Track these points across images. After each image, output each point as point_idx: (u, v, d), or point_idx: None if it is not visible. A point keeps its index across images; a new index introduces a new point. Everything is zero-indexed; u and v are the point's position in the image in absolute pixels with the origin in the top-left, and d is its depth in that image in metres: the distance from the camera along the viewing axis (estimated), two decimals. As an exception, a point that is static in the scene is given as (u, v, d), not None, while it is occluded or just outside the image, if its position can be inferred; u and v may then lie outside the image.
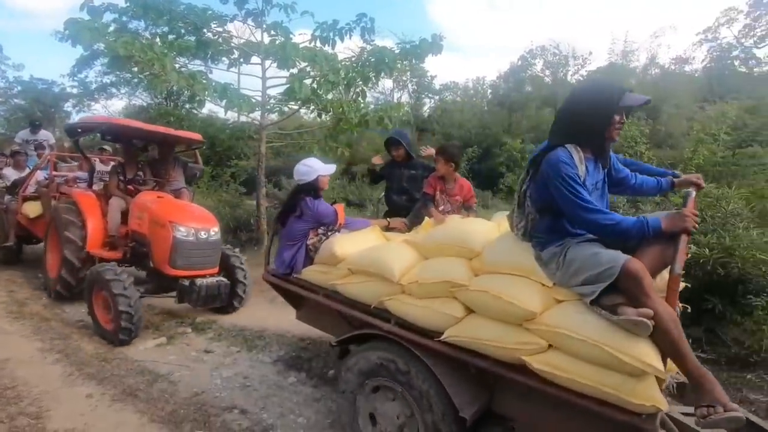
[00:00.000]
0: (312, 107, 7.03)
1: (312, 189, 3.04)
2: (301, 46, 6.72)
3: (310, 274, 2.88)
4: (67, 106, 23.97)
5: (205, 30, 6.73)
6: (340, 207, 3.15)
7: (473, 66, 50.33)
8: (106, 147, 7.44)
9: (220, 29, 6.93)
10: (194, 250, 4.17)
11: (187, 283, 4.08)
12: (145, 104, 18.86)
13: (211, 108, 15.82)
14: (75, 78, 19.97)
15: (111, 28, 5.98)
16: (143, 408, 2.92)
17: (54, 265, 4.92)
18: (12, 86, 24.11)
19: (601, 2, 44.17)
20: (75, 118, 27.07)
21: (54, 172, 6.04)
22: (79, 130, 5.05)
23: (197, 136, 5.39)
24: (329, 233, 3.00)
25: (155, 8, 6.19)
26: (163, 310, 4.73)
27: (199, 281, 4.07)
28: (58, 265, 4.74)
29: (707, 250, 3.55)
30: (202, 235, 4.22)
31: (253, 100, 6.71)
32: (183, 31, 6.65)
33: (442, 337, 2.08)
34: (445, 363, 2.10)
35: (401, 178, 4.09)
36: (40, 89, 23.33)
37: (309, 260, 2.95)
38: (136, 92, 19.50)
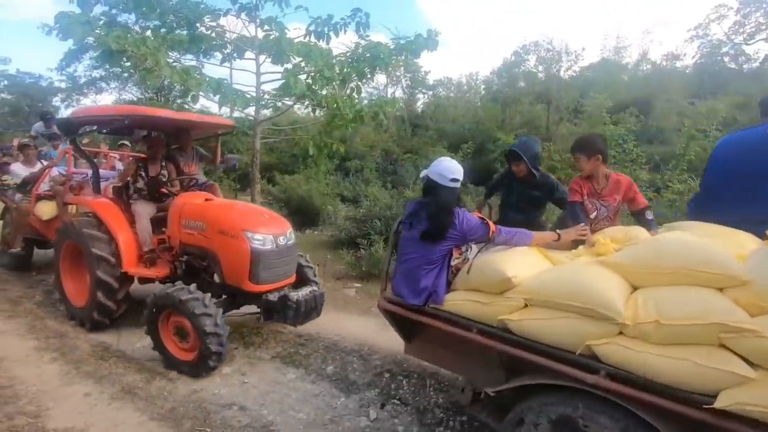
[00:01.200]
0: (307, 103, 7.00)
1: (458, 197, 2.49)
2: (295, 41, 6.67)
3: (459, 304, 2.28)
4: (56, 101, 23.60)
5: (197, 24, 6.65)
6: (480, 215, 2.50)
7: (466, 62, 50.36)
8: (126, 142, 6.89)
9: (213, 23, 6.85)
10: (276, 259, 3.59)
11: (275, 298, 3.52)
12: (135, 99, 18.61)
13: (204, 103, 15.70)
14: (63, 72, 19.66)
15: (101, 22, 5.89)
16: (142, 406, 2.92)
17: (78, 290, 4.24)
18: (-2, 80, 23.65)
19: (593, -2, 44.28)
20: (64, 113, 26.79)
21: (73, 170, 5.35)
22: (80, 125, 4.17)
23: (230, 122, 4.96)
24: (479, 250, 2.44)
25: (147, 1, 6.09)
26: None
27: (293, 295, 3.51)
28: (88, 290, 4.01)
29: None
30: (281, 240, 3.64)
31: (248, 96, 6.66)
32: (175, 25, 6.57)
33: (718, 404, 1.49)
34: None
35: (520, 196, 3.45)
36: (27, 83, 22.94)
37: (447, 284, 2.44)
38: (126, 87, 19.26)
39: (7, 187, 6.03)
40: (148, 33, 6.34)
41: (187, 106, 7.92)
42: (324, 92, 6.64)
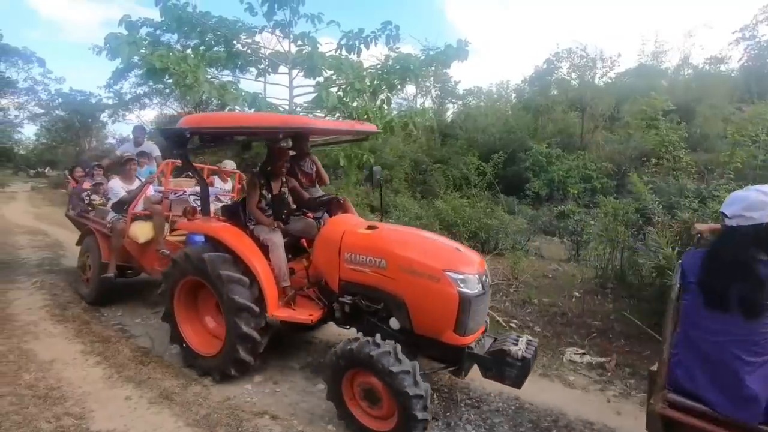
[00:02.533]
0: (338, 115, 7.13)
1: None
2: (327, 54, 6.83)
3: None
4: (103, 116, 25.13)
5: (235, 42, 6.94)
6: None
7: (496, 70, 49.96)
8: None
9: (249, 40, 7.13)
10: (481, 304, 2.92)
11: (486, 354, 2.88)
12: (175, 113, 19.51)
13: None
14: (111, 89, 20.91)
15: (146, 42, 6.24)
16: (179, 411, 3.01)
17: (199, 334, 3.65)
18: (53, 98, 25.42)
19: (630, 3, 43.05)
20: (111, 128, 28.30)
21: (169, 188, 4.92)
22: (198, 137, 3.44)
23: (374, 127, 4.14)
24: None
25: (188, 22, 6.42)
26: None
27: (515, 351, 2.77)
28: (214, 335, 3.56)
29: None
30: (485, 280, 2.96)
31: (281, 109, 6.85)
32: (213, 42, 6.89)
33: None
34: None
35: None
36: (78, 101, 24.53)
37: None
38: (167, 102, 20.23)
39: (92, 207, 5.56)
40: (189, 51, 6.68)
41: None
42: (355, 104, 6.75)
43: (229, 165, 6.29)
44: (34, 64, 23.92)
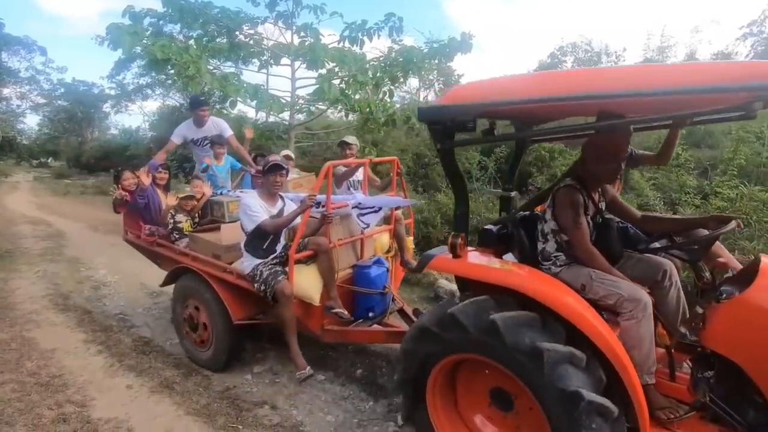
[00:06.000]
0: (340, 107, 7.11)
1: None
2: (330, 46, 6.80)
3: None
4: (106, 107, 25.11)
5: (237, 32, 6.90)
6: None
7: (500, 65, 49.67)
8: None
9: (251, 31, 7.09)
10: None
11: None
12: (178, 104, 19.46)
13: (241, 108, 16.21)
14: (113, 80, 20.84)
15: (148, 32, 6.21)
16: (179, 400, 3.03)
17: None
18: (56, 88, 25.39)
19: (636, -4, 42.60)
20: (113, 118, 28.19)
21: (334, 205, 3.24)
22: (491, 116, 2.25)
23: None
24: None
25: (191, 12, 6.38)
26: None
27: None
28: None
29: (752, 257, 3.38)
30: None
31: (283, 101, 6.83)
32: (216, 33, 6.85)
33: None
34: None
35: None
36: (81, 91, 24.50)
37: None
38: (170, 93, 20.17)
39: (178, 232, 3.91)
40: (191, 42, 6.65)
41: (225, 112, 8.23)
42: (357, 96, 6.72)
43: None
44: (36, 53, 23.89)
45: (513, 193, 2.85)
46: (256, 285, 3.05)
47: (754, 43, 20.00)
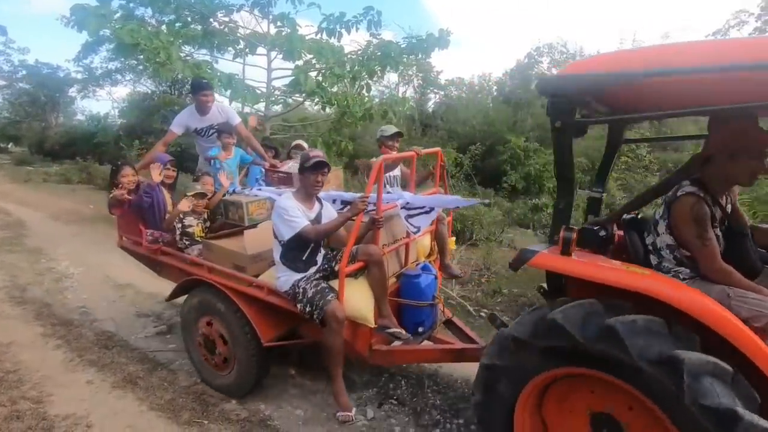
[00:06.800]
0: (317, 100, 7.04)
1: None
2: (307, 37, 6.71)
3: None
4: (72, 92, 24.00)
5: (211, 19, 6.71)
6: None
7: (479, 62, 50.27)
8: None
9: (226, 19, 6.92)
10: None
11: None
12: (149, 91, 18.81)
13: (215, 98, 15.85)
14: (80, 63, 19.88)
15: (117, 15, 5.97)
16: (143, 396, 2.95)
17: None
18: (17, 70, 24.14)
19: (609, 1, 43.79)
20: (80, 104, 27.01)
21: (384, 207, 2.72)
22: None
23: None
24: None
25: (162, -4, 6.17)
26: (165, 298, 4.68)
27: None
28: None
29: None
30: None
31: (258, 92, 6.71)
32: (189, 19, 6.65)
33: None
34: None
35: None
36: (44, 74, 23.35)
37: None
38: (141, 79, 19.46)
39: (188, 238, 3.39)
40: (163, 27, 6.43)
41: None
42: (334, 89, 6.67)
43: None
44: (-5, 32, 22.57)
45: (602, 195, 2.64)
46: (299, 306, 2.59)
47: (719, 51, 20.85)
